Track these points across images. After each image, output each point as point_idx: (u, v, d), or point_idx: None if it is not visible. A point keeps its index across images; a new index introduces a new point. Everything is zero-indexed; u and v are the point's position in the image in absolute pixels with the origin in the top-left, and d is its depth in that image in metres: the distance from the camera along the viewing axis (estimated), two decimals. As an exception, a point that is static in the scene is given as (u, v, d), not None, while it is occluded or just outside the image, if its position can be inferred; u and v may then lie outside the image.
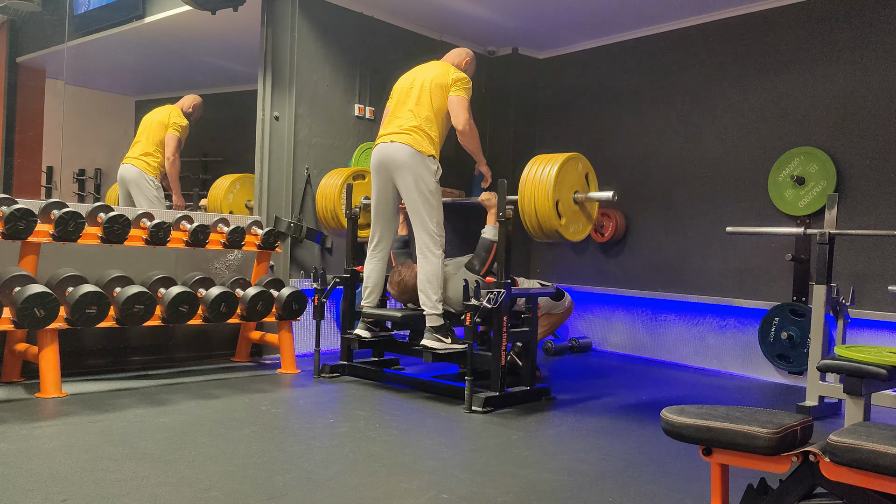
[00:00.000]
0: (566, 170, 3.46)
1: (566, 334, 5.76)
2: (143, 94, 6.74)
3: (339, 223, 4.59)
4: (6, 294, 3.37)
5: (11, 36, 5.94)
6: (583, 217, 3.59)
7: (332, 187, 4.60)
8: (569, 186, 3.49)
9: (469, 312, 3.44)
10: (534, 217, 3.41)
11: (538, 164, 3.50)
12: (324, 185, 4.70)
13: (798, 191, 4.55)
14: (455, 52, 4.19)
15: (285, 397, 3.72)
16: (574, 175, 3.53)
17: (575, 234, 3.58)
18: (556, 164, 3.42)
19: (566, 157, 3.47)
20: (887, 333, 4.24)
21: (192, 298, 3.79)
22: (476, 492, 2.34)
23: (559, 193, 3.42)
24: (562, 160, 3.44)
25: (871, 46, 4.34)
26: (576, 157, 3.54)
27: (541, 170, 3.45)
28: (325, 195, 4.64)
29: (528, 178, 3.47)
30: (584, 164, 3.58)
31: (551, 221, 3.39)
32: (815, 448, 1.62)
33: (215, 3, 4.48)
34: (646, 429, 3.28)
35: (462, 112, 3.83)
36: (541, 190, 3.38)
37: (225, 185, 5.41)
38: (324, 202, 4.61)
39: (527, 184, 3.45)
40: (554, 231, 3.44)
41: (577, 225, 3.58)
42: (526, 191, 3.45)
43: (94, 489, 2.22)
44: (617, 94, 5.62)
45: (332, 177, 4.69)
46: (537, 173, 3.43)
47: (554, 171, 3.39)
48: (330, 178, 4.69)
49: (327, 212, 4.58)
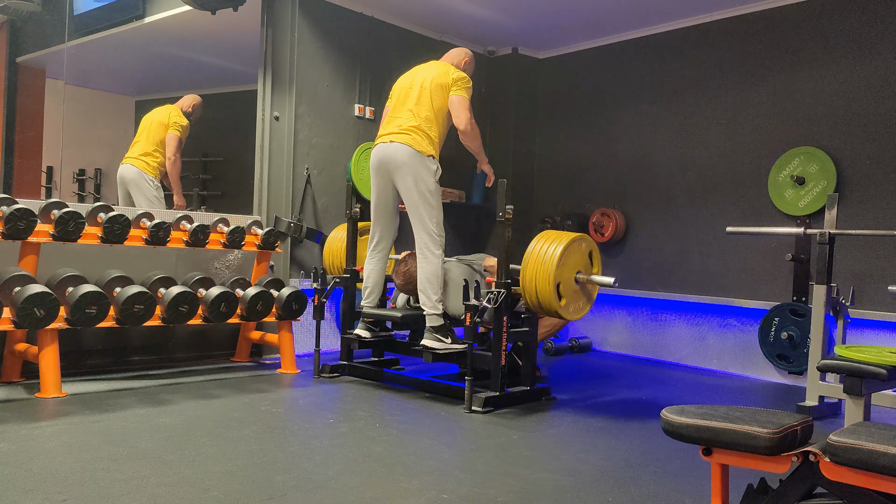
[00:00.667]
0: (570, 251, 3.44)
1: (566, 334, 5.76)
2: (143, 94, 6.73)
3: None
4: (6, 294, 3.37)
5: (11, 36, 5.93)
6: (583, 297, 3.59)
7: (339, 241, 4.58)
8: (571, 267, 3.48)
9: (469, 312, 3.44)
10: (534, 295, 3.43)
11: (543, 241, 3.47)
12: (331, 239, 4.67)
13: (798, 191, 4.55)
14: (454, 51, 4.19)
15: (285, 397, 3.72)
16: (578, 255, 3.51)
17: (574, 313, 3.57)
18: (561, 246, 3.40)
19: (571, 239, 3.44)
20: (887, 333, 4.24)
21: (192, 298, 3.79)
22: (476, 492, 2.34)
23: (561, 275, 3.42)
24: (567, 241, 3.42)
25: (871, 46, 4.34)
26: (580, 238, 3.51)
27: (545, 249, 3.43)
28: (332, 251, 4.61)
29: (531, 255, 3.45)
30: (587, 244, 3.57)
31: (551, 303, 3.40)
32: (815, 448, 1.62)
33: (215, 3, 4.47)
34: (646, 429, 3.28)
35: (463, 111, 3.83)
36: (543, 271, 3.38)
37: None
38: (331, 259, 4.61)
39: (530, 262, 3.44)
40: (553, 311, 3.46)
41: (578, 304, 3.57)
42: (528, 269, 3.44)
43: (94, 489, 2.22)
44: (617, 94, 5.62)
45: (339, 231, 4.65)
46: (541, 252, 3.42)
47: (558, 252, 3.38)
48: (337, 232, 4.66)
49: (335, 267, 4.57)
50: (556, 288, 3.38)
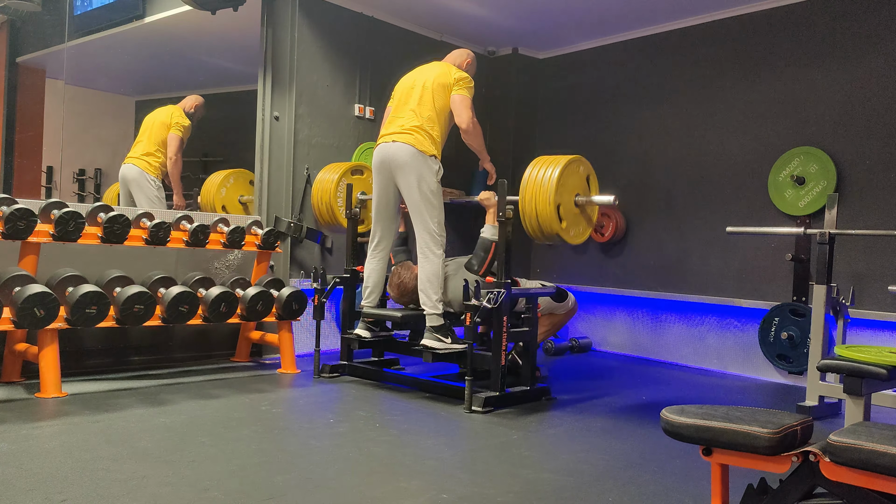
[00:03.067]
0: (568, 173, 3.44)
1: (566, 334, 5.76)
2: (143, 94, 6.74)
3: (335, 218, 4.57)
4: (6, 294, 3.37)
5: (11, 36, 5.94)
6: (583, 220, 3.59)
7: (329, 182, 4.57)
8: (570, 189, 3.48)
9: (469, 312, 3.44)
10: (534, 220, 3.40)
11: (540, 166, 3.47)
12: (320, 179, 4.67)
13: (798, 191, 4.55)
14: (456, 52, 4.20)
15: (285, 397, 3.72)
16: (576, 178, 3.51)
17: (576, 237, 3.57)
18: (558, 167, 3.40)
19: (568, 160, 3.45)
20: (887, 333, 4.24)
21: (192, 298, 3.79)
22: (476, 492, 2.34)
23: (561, 197, 3.41)
24: (564, 163, 3.43)
25: (871, 46, 4.34)
26: (577, 160, 3.52)
27: (542, 172, 3.42)
28: (321, 189, 4.61)
29: (529, 180, 3.45)
30: (585, 167, 3.57)
31: (552, 225, 3.38)
32: (815, 448, 1.62)
33: (215, 3, 4.48)
34: (646, 429, 3.28)
35: (465, 111, 3.84)
36: (542, 193, 3.36)
37: (217, 180, 5.41)
38: (319, 196, 4.58)
39: (528, 186, 3.43)
40: (555, 234, 3.43)
41: (578, 228, 3.57)
42: (527, 193, 3.43)
43: (94, 489, 2.22)
44: (617, 94, 5.62)
45: (328, 171, 4.66)
46: (539, 176, 3.41)
47: (556, 175, 3.37)
48: (326, 172, 4.66)
49: (322, 205, 4.54)
50: (556, 209, 3.35)
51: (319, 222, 4.76)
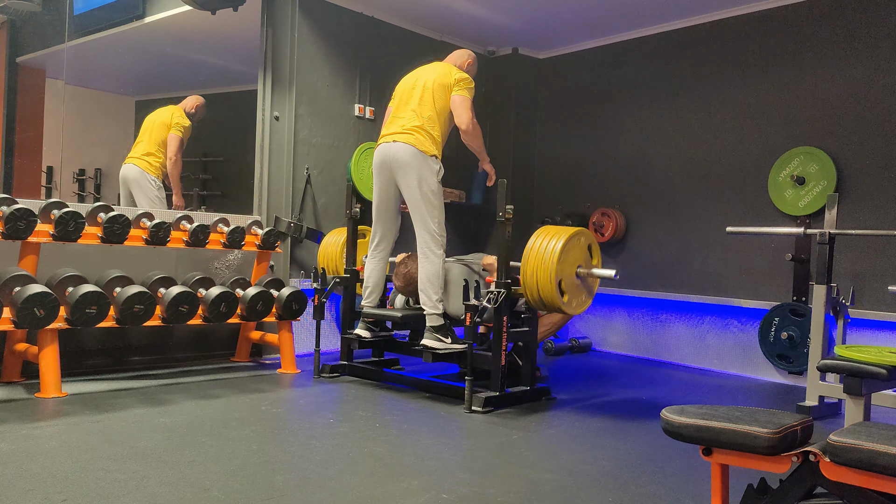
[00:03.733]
0: (570, 247, 3.43)
1: (566, 334, 5.76)
2: (143, 94, 6.73)
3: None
4: (6, 294, 3.37)
5: (11, 36, 5.93)
6: (584, 291, 3.59)
7: (334, 245, 4.56)
8: (572, 262, 3.47)
9: (469, 312, 3.44)
10: (536, 293, 3.41)
11: (543, 237, 3.46)
12: (326, 243, 4.64)
13: (798, 191, 4.55)
14: (457, 53, 4.20)
15: (285, 397, 3.72)
16: (577, 250, 3.50)
17: (577, 307, 3.56)
18: (561, 241, 3.39)
19: (570, 235, 3.42)
20: (887, 333, 4.24)
21: (192, 298, 3.79)
22: (476, 492, 2.34)
23: (562, 272, 3.41)
24: (566, 236, 3.41)
25: (871, 46, 4.34)
26: (579, 233, 3.50)
27: (545, 245, 3.42)
28: (327, 254, 4.58)
29: (531, 251, 3.44)
30: (586, 237, 3.56)
31: (554, 300, 3.39)
32: (815, 448, 1.62)
33: (215, 3, 4.47)
34: (646, 429, 3.28)
35: (465, 111, 3.84)
36: (543, 269, 3.36)
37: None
38: (325, 262, 4.57)
39: (530, 259, 3.42)
40: (556, 307, 3.45)
41: (580, 298, 3.56)
42: (529, 265, 3.42)
43: (94, 489, 2.22)
44: (617, 94, 5.62)
45: (333, 235, 4.63)
46: (541, 248, 3.41)
47: (558, 248, 3.36)
48: (331, 236, 4.63)
49: (328, 271, 4.54)
50: (557, 285, 3.37)
51: None
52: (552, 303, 3.41)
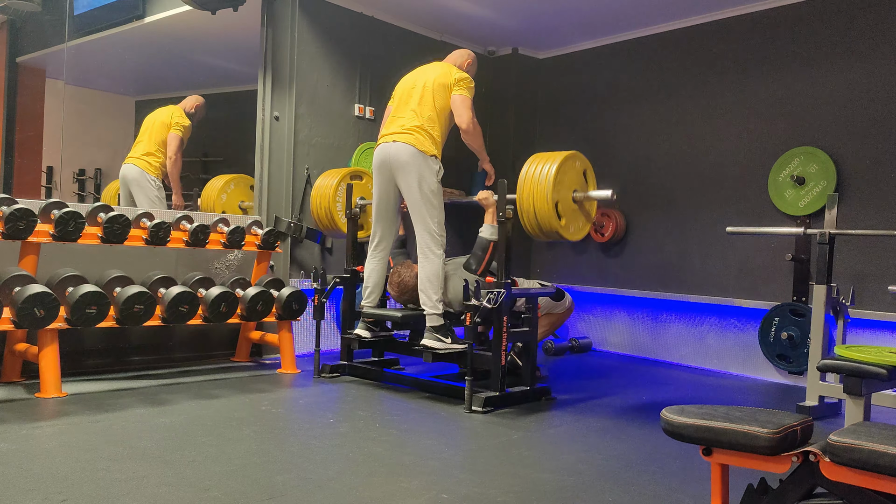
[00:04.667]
0: (565, 169, 3.43)
1: (566, 334, 5.76)
2: (143, 94, 6.74)
3: (334, 223, 4.52)
4: (6, 294, 3.37)
5: (11, 36, 5.93)
6: (581, 216, 3.58)
7: (328, 187, 4.53)
8: (567, 185, 3.47)
9: (469, 312, 3.44)
10: (533, 217, 3.39)
11: (536, 163, 3.46)
12: (319, 184, 4.60)
13: (798, 191, 4.55)
14: (457, 53, 4.20)
15: (285, 397, 3.72)
16: (573, 174, 3.51)
17: (575, 233, 3.56)
18: (555, 164, 3.39)
19: (565, 156, 3.44)
20: (887, 333, 4.24)
21: (192, 298, 3.79)
22: (476, 492, 2.34)
23: (558, 194, 3.40)
24: (560, 159, 3.42)
25: (871, 46, 4.34)
26: (574, 156, 3.51)
27: (539, 170, 3.41)
28: (320, 195, 4.55)
29: (526, 177, 3.44)
30: (581, 162, 3.56)
31: (551, 222, 3.38)
32: (815, 448, 1.62)
33: (215, 3, 4.47)
34: (646, 429, 3.28)
35: (465, 111, 3.84)
36: (539, 190, 3.34)
37: (219, 185, 5.40)
38: (318, 201, 4.53)
39: (525, 184, 3.42)
40: (554, 231, 3.43)
41: (577, 224, 3.57)
42: (524, 191, 3.42)
43: (94, 489, 2.22)
44: (617, 94, 5.62)
45: (327, 177, 4.61)
46: (536, 173, 3.40)
47: (553, 171, 3.36)
48: (325, 178, 4.61)
49: (321, 210, 4.49)
50: (554, 207, 3.34)
51: (319, 227, 4.73)
52: (550, 227, 3.38)
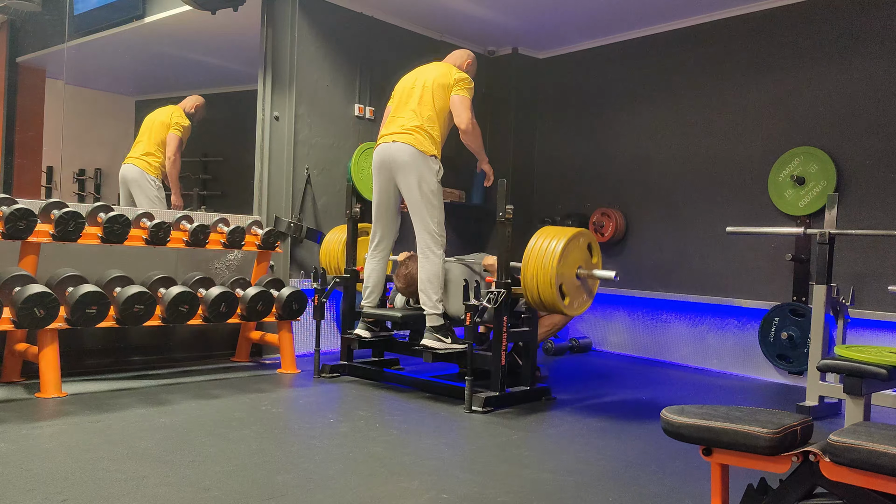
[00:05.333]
0: (570, 248, 3.42)
1: (566, 334, 5.76)
2: (143, 94, 6.73)
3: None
4: (6, 294, 3.37)
5: (11, 36, 5.93)
6: (584, 292, 3.58)
7: (336, 243, 4.56)
8: (572, 264, 3.46)
9: (469, 312, 3.44)
10: (536, 295, 3.40)
11: (542, 238, 3.44)
12: (328, 241, 4.64)
13: (798, 191, 4.55)
14: (456, 53, 4.20)
15: (285, 397, 3.72)
16: (577, 251, 3.49)
17: (577, 308, 3.55)
18: (561, 243, 3.37)
19: (570, 236, 3.40)
20: (887, 333, 4.24)
21: (192, 298, 3.79)
22: (476, 492, 2.34)
23: (563, 275, 3.40)
24: (566, 238, 3.39)
25: (871, 46, 4.34)
26: (579, 234, 3.48)
27: (545, 247, 3.40)
28: (329, 251, 4.59)
29: (531, 254, 3.42)
30: (586, 238, 3.55)
31: (555, 302, 3.38)
32: (816, 448, 1.62)
33: (215, 3, 4.47)
34: (646, 429, 3.28)
35: (465, 111, 3.84)
36: (544, 272, 3.34)
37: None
38: (328, 259, 4.58)
39: (530, 261, 3.41)
40: (557, 309, 3.45)
41: (580, 299, 3.55)
42: (529, 268, 3.41)
43: (94, 489, 2.22)
44: (617, 94, 5.62)
45: (335, 233, 4.63)
46: (541, 251, 3.39)
47: (558, 251, 3.35)
48: (333, 234, 4.64)
49: (331, 268, 4.53)
50: (558, 288, 3.37)
51: None
52: (553, 305, 3.41)
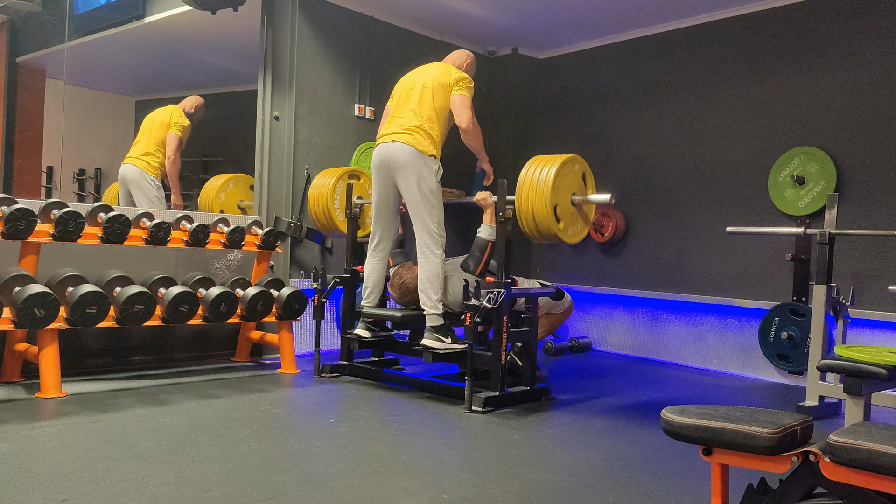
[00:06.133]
0: (563, 172, 3.43)
1: (566, 334, 5.76)
2: (143, 94, 6.74)
3: (332, 223, 4.50)
4: (6, 294, 3.37)
5: (11, 36, 5.94)
6: (580, 219, 3.58)
7: (325, 186, 4.51)
8: (566, 189, 3.47)
9: (469, 312, 3.44)
10: (531, 220, 3.39)
11: (535, 165, 3.45)
12: (316, 184, 4.58)
13: (798, 191, 4.55)
14: (456, 53, 4.20)
15: (285, 397, 3.72)
16: (571, 177, 3.50)
17: (573, 236, 3.56)
18: (554, 167, 3.39)
19: (564, 160, 3.44)
20: (887, 333, 4.24)
21: (192, 298, 3.79)
22: (476, 492, 2.34)
23: (557, 198, 3.39)
24: (559, 162, 3.41)
25: (871, 46, 4.34)
26: (573, 159, 3.51)
27: (538, 172, 3.40)
28: (318, 194, 4.53)
29: (525, 180, 3.43)
30: (580, 165, 3.56)
31: (549, 226, 3.37)
32: (815, 448, 1.62)
33: (215, 3, 4.47)
34: (646, 429, 3.28)
35: (465, 111, 3.84)
36: (538, 194, 3.34)
37: (217, 184, 5.39)
38: (316, 200, 4.51)
39: (524, 186, 3.42)
40: (552, 234, 3.43)
41: (575, 227, 3.56)
42: (523, 193, 3.42)
43: (94, 489, 2.22)
44: (617, 94, 5.62)
45: (324, 176, 4.59)
46: (535, 176, 3.40)
47: (552, 175, 3.35)
48: (322, 177, 4.59)
49: (319, 208, 4.46)
50: (553, 210, 3.34)
51: (317, 227, 4.71)
52: (548, 230, 3.38)
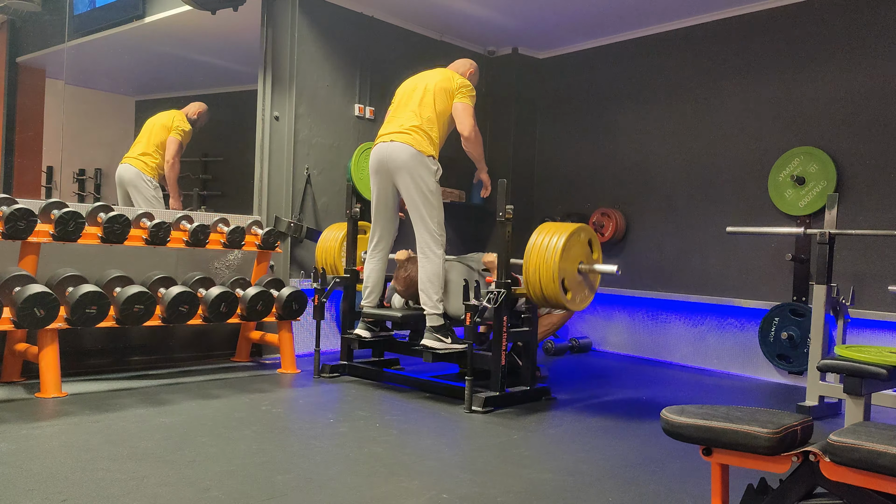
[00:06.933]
0: (571, 244, 3.43)
1: (566, 334, 5.76)
2: (143, 94, 6.74)
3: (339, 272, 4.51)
4: (6, 294, 3.37)
5: (11, 36, 5.93)
6: (586, 287, 3.59)
7: (333, 240, 4.55)
8: (573, 259, 3.48)
9: (469, 312, 3.44)
10: (539, 291, 3.42)
11: (543, 235, 3.46)
12: (324, 238, 4.63)
13: (798, 191, 4.55)
14: (460, 61, 4.23)
15: (285, 397, 3.72)
16: (578, 247, 3.50)
17: (580, 303, 3.57)
18: (562, 239, 3.39)
19: (571, 232, 3.42)
20: (887, 333, 4.24)
21: (192, 298, 3.79)
22: (476, 492, 2.34)
23: (565, 270, 3.41)
24: (567, 234, 3.41)
25: (871, 46, 4.34)
26: (580, 229, 3.49)
27: (546, 243, 3.42)
28: (325, 248, 4.57)
29: (533, 250, 3.44)
30: (586, 233, 3.56)
31: (557, 298, 3.41)
32: (816, 448, 1.62)
33: (215, 3, 4.47)
34: (646, 429, 3.28)
35: (468, 118, 3.85)
36: (546, 267, 3.37)
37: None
38: (324, 256, 4.57)
39: (532, 257, 3.43)
40: (560, 305, 3.47)
41: (582, 294, 3.57)
42: (531, 263, 3.43)
43: (94, 489, 2.22)
44: (617, 94, 5.62)
45: (332, 230, 4.63)
46: (543, 247, 3.41)
47: (560, 246, 3.37)
48: (330, 231, 4.63)
49: (328, 266, 4.52)
50: (560, 283, 3.37)
51: None
52: (556, 300, 3.42)
